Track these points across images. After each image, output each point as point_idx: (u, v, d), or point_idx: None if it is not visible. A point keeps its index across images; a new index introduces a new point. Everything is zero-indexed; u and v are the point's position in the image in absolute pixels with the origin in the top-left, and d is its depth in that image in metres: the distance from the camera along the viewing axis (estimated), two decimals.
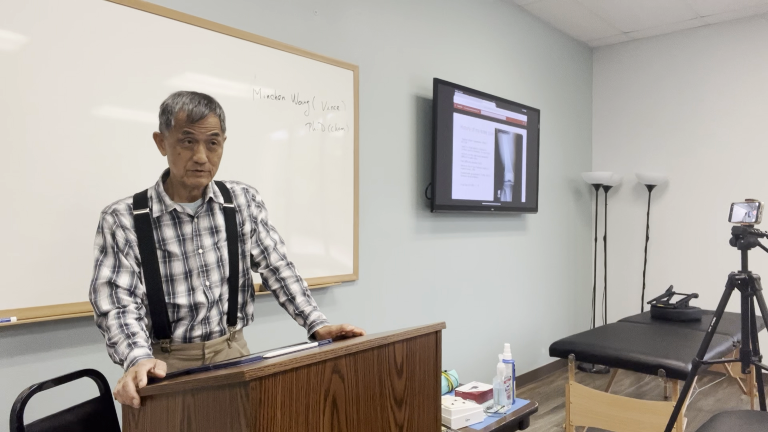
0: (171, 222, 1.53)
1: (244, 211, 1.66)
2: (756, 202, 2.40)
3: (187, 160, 1.48)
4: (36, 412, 1.91)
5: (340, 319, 3.00)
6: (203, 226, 1.57)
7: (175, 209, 1.53)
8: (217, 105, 1.53)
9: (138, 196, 1.55)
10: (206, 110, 1.47)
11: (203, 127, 1.47)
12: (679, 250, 4.86)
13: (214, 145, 1.51)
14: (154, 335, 1.54)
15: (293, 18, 2.76)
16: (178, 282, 1.53)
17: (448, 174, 3.53)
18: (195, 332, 1.56)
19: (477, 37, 3.96)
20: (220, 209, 1.61)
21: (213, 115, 1.49)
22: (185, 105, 1.46)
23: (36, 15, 1.88)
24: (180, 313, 1.54)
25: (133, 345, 1.37)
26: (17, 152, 1.84)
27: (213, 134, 1.49)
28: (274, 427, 1.05)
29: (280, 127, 2.63)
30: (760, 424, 1.83)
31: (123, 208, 1.51)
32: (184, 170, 1.49)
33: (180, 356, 1.56)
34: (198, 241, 1.55)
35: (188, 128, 1.46)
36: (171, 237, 1.53)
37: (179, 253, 1.53)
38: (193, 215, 1.55)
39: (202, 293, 1.55)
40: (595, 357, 2.97)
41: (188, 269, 1.54)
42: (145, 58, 2.14)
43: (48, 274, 1.90)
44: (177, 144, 1.47)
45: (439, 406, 1.49)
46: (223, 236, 1.59)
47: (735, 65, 4.59)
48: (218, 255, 1.58)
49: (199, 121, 1.46)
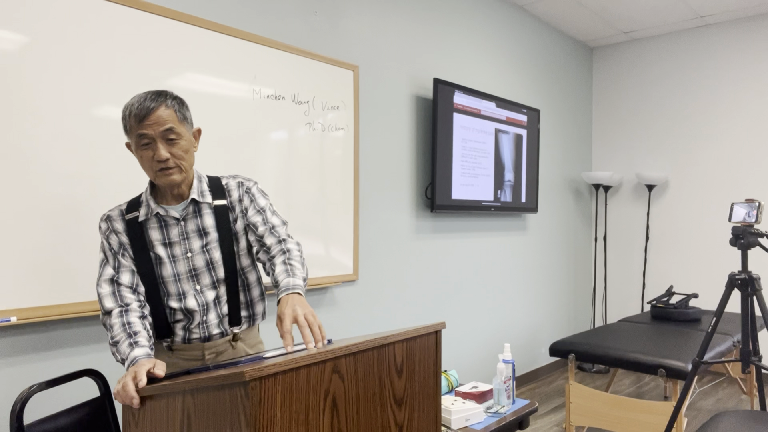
0: (157, 225, 1.52)
1: (237, 207, 1.59)
2: (756, 202, 2.40)
3: (151, 161, 1.43)
4: (36, 412, 1.91)
5: (340, 319, 3.01)
6: (190, 228, 1.53)
7: (158, 213, 1.51)
8: (170, 97, 1.45)
9: (132, 201, 1.55)
10: (152, 104, 1.40)
11: (153, 124, 1.40)
12: (679, 250, 4.86)
13: (172, 139, 1.43)
14: (156, 335, 1.55)
15: (293, 18, 2.76)
16: (169, 284, 1.53)
17: (448, 174, 3.53)
18: (193, 334, 1.56)
19: (477, 37, 3.96)
20: (210, 208, 1.55)
21: (164, 108, 1.41)
22: (132, 106, 1.41)
23: (37, 15, 1.87)
24: (176, 316, 1.54)
25: (134, 344, 1.37)
26: (17, 152, 1.84)
27: (167, 129, 1.41)
28: (274, 427, 1.05)
29: (280, 127, 2.63)
30: (760, 424, 1.83)
31: (116, 214, 1.53)
32: (152, 172, 1.45)
33: (182, 356, 1.58)
34: (186, 244, 1.53)
35: (140, 129, 1.41)
36: (158, 239, 1.52)
37: (166, 257, 1.51)
38: (179, 218, 1.52)
39: (192, 297, 1.53)
40: (595, 357, 2.97)
41: (177, 273, 1.52)
42: (145, 59, 2.14)
43: (48, 274, 1.90)
44: (138, 148, 1.44)
45: (439, 406, 1.49)
46: (214, 237, 1.55)
47: (735, 65, 4.59)
48: (207, 258, 1.54)
49: (147, 118, 1.40)
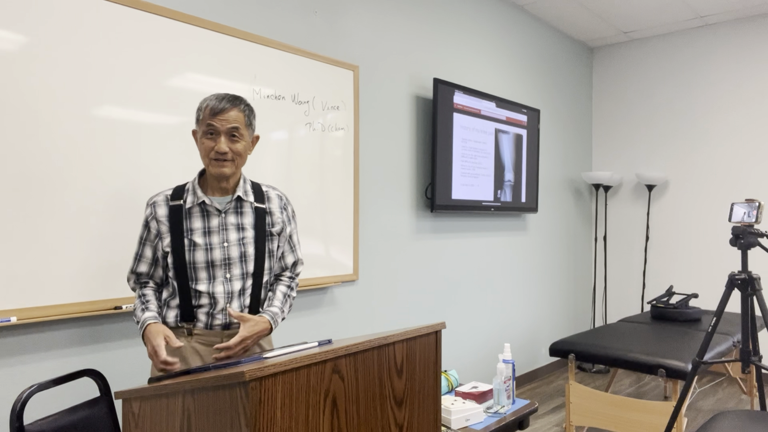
0: (200, 214, 1.67)
1: (276, 214, 1.76)
2: (756, 202, 2.40)
3: (210, 150, 1.62)
4: (36, 412, 1.91)
5: (340, 319, 3.01)
6: (230, 221, 1.68)
7: (204, 201, 1.66)
8: (243, 102, 1.66)
9: (177, 188, 1.71)
10: (227, 105, 1.62)
11: (223, 120, 1.61)
12: (679, 250, 4.86)
13: (235, 137, 1.63)
14: (180, 317, 1.65)
15: (293, 18, 2.76)
16: (200, 270, 1.64)
17: (448, 174, 3.53)
18: (216, 320, 1.65)
19: (477, 37, 3.96)
20: (251, 208, 1.72)
21: (235, 110, 1.63)
22: (210, 101, 1.62)
23: (38, 15, 1.87)
24: (201, 300, 1.64)
25: (144, 309, 1.64)
26: (17, 152, 1.84)
27: (233, 127, 1.62)
28: (274, 427, 1.05)
29: (280, 127, 2.63)
30: (760, 424, 1.83)
31: (161, 199, 1.68)
32: (208, 160, 1.63)
33: (201, 341, 1.65)
34: (224, 234, 1.67)
35: (210, 121, 1.61)
36: (198, 228, 1.66)
37: (203, 244, 1.64)
38: (221, 210, 1.67)
39: (220, 284, 1.65)
40: (595, 357, 2.97)
41: (211, 259, 1.64)
42: (145, 59, 2.14)
43: (48, 274, 1.90)
44: (202, 136, 1.64)
45: (439, 406, 1.49)
46: (251, 234, 1.70)
47: (735, 65, 4.59)
48: (242, 250, 1.68)
49: (220, 114, 1.60)
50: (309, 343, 1.44)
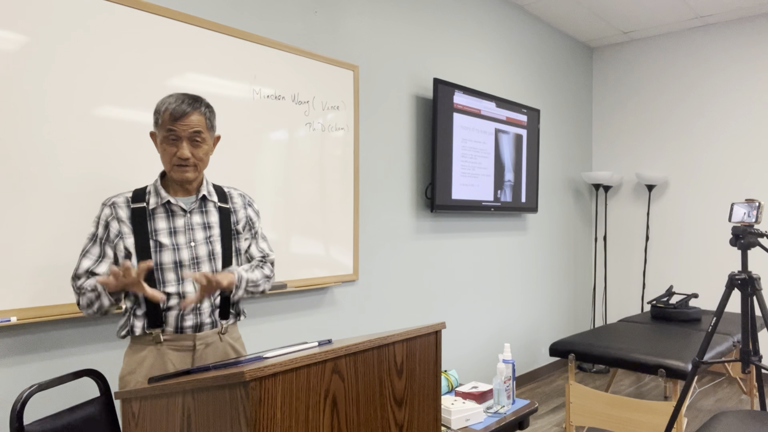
0: (164, 214, 1.62)
1: (240, 212, 1.75)
2: (756, 202, 2.40)
3: (172, 156, 1.58)
4: (36, 412, 1.91)
5: (340, 319, 3.01)
6: (195, 221, 1.65)
7: (168, 201, 1.62)
8: (204, 104, 1.61)
9: (137, 191, 1.65)
10: (188, 108, 1.56)
11: (185, 125, 1.56)
12: (679, 250, 4.86)
13: (197, 141, 1.59)
14: (147, 324, 1.58)
15: (293, 18, 2.76)
16: (167, 271, 1.60)
17: (448, 174, 3.53)
18: (186, 322, 1.61)
19: (477, 37, 3.96)
20: (215, 207, 1.70)
21: (197, 114, 1.58)
22: (170, 105, 1.56)
23: (38, 16, 1.87)
24: (170, 301, 1.59)
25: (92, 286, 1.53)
26: (18, 153, 1.84)
27: (195, 131, 1.58)
28: (274, 427, 1.05)
29: (280, 127, 2.63)
30: (760, 424, 1.83)
31: (121, 201, 1.62)
32: (170, 165, 1.59)
33: (172, 346, 1.60)
34: (191, 234, 1.64)
35: (171, 126, 1.56)
36: (163, 228, 1.61)
37: (169, 244, 1.60)
38: (186, 210, 1.64)
39: (191, 283, 1.61)
40: (595, 357, 2.97)
41: (179, 259, 1.61)
42: (145, 59, 2.14)
43: (48, 273, 1.90)
44: (163, 141, 1.58)
45: (439, 406, 1.49)
46: (217, 232, 1.68)
47: (735, 65, 4.59)
48: (209, 249, 1.66)
49: (181, 119, 1.55)
50: (309, 343, 1.44)
